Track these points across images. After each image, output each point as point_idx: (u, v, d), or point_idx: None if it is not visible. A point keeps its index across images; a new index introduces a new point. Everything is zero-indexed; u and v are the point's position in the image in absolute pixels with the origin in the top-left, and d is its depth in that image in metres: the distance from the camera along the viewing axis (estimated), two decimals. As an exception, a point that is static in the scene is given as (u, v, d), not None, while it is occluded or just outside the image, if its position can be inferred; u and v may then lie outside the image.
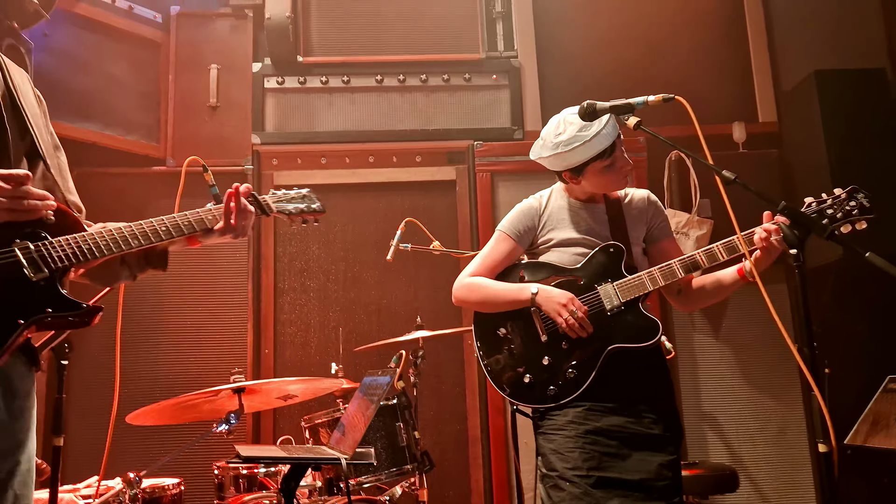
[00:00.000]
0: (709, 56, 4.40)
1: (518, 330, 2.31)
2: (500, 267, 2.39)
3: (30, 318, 1.44)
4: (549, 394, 2.21)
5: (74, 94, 3.78)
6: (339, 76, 4.29)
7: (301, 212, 1.97)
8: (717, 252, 2.21)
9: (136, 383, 3.66)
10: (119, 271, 1.77)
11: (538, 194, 2.48)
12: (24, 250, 1.46)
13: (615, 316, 2.24)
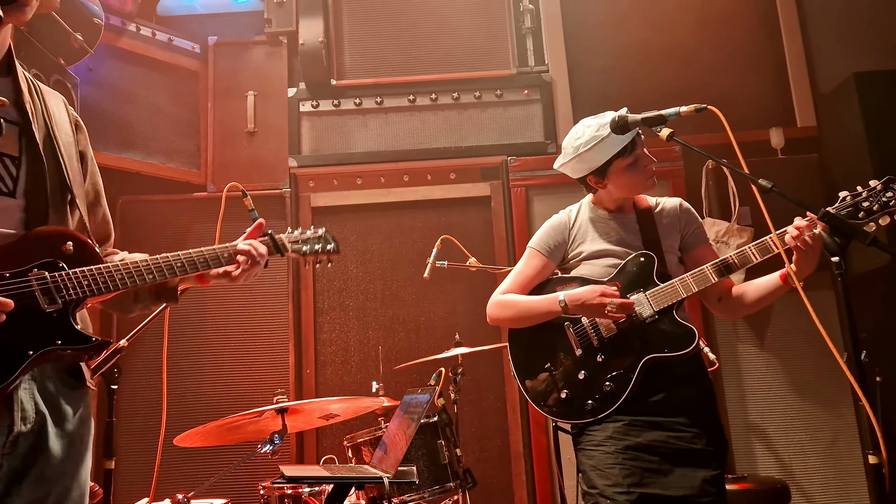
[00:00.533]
0: (743, 61, 4.35)
1: (552, 345, 2.29)
2: (532, 283, 2.39)
3: (39, 349, 1.45)
4: (587, 408, 2.18)
5: (118, 125, 3.91)
6: (372, 97, 4.36)
7: (315, 252, 2.03)
8: (749, 254, 2.15)
9: (181, 405, 3.74)
10: (132, 304, 1.80)
11: (567, 209, 2.47)
12: (39, 280, 1.48)
13: (650, 325, 2.20)
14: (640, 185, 2.34)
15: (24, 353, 1.43)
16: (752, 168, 1.95)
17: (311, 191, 4.26)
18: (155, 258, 1.67)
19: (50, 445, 1.49)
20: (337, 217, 4.26)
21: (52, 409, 1.51)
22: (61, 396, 1.54)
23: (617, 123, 2.16)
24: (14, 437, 1.43)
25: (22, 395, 1.45)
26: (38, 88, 1.65)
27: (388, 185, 4.28)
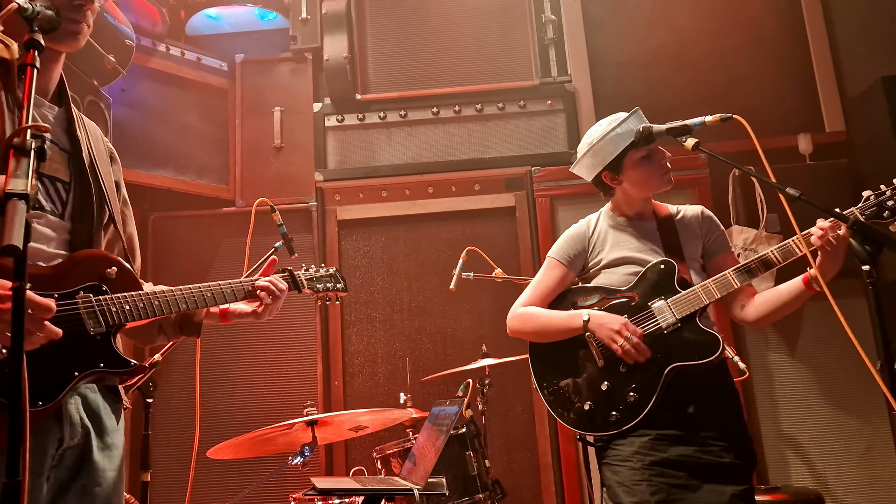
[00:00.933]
0: (769, 67, 4.32)
1: (574, 356, 2.26)
2: (552, 294, 2.36)
3: (84, 371, 1.50)
4: (611, 420, 2.14)
5: (150, 144, 4.00)
6: (396, 111, 4.40)
7: (327, 290, 2.12)
8: (772, 257, 2.11)
9: (213, 418, 3.79)
10: (155, 335, 1.85)
11: (587, 218, 2.45)
12: (86, 303, 1.53)
13: (673, 334, 2.16)
14: (655, 179, 2.29)
15: (70, 374, 1.48)
16: (780, 175, 1.95)
17: (338, 204, 4.31)
18: (189, 288, 1.73)
19: (94, 458, 1.54)
20: (363, 230, 4.30)
21: (95, 423, 1.56)
22: (102, 411, 1.59)
23: (642, 134, 2.17)
24: (63, 450, 1.49)
25: (70, 410, 1.51)
26: (81, 118, 1.72)
27: (413, 198, 4.31)
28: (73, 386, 1.48)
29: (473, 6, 4.46)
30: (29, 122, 1.12)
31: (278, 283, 1.91)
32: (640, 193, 2.34)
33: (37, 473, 1.43)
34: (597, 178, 2.39)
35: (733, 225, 3.88)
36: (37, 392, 1.41)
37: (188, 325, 1.85)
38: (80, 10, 1.56)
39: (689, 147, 2.05)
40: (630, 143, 2.26)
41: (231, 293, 1.81)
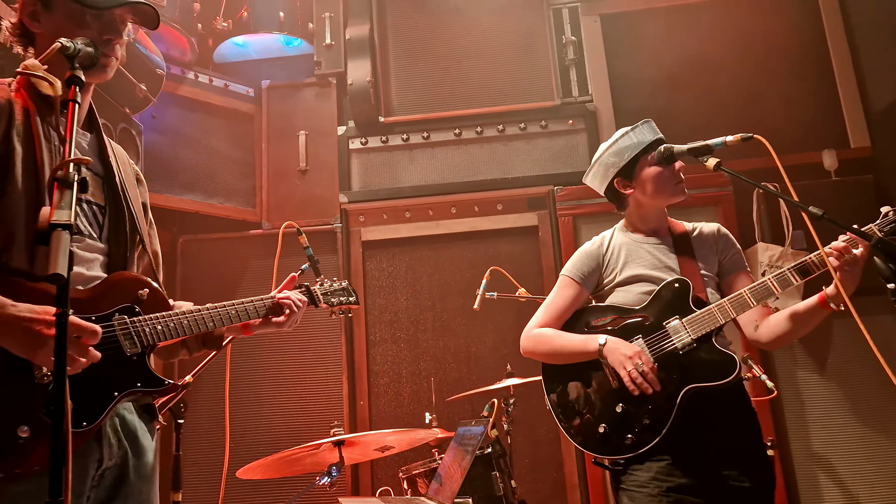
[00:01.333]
0: (791, 83, 4.32)
1: (588, 378, 2.22)
2: (566, 314, 2.33)
3: (123, 391, 1.55)
4: (626, 443, 2.09)
5: (180, 169, 4.10)
6: (419, 133, 4.46)
7: (340, 303, 2.19)
8: (789, 276, 2.06)
9: (241, 438, 3.82)
10: (178, 349, 1.90)
11: (600, 235, 2.41)
12: (121, 325, 1.58)
13: (688, 354, 2.11)
14: (668, 186, 2.26)
15: (110, 395, 1.53)
16: (805, 191, 1.95)
17: (362, 225, 4.36)
18: (214, 307, 1.79)
19: (131, 478, 1.59)
20: (387, 250, 4.35)
21: (132, 444, 1.61)
22: (139, 431, 1.65)
23: (662, 154, 2.18)
24: (102, 470, 1.54)
25: (109, 431, 1.56)
26: (110, 143, 1.78)
27: (436, 218, 4.35)
28: (113, 406, 1.53)
29: (494, 29, 4.51)
30: (71, 155, 1.17)
31: (298, 298, 1.97)
32: (653, 203, 2.31)
33: (78, 494, 1.48)
34: (609, 188, 2.37)
35: (758, 242, 3.86)
36: (80, 413, 1.46)
37: (210, 339, 1.90)
38: (109, 44, 1.63)
39: (711, 167, 2.05)
40: (642, 150, 2.26)
41: (254, 310, 1.87)
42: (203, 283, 4.20)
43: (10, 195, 1.46)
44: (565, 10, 4.51)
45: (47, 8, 1.60)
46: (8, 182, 1.47)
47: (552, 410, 2.27)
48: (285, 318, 1.92)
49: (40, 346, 1.35)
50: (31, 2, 1.60)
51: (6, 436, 1.37)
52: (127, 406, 1.63)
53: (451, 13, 4.54)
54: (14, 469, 1.37)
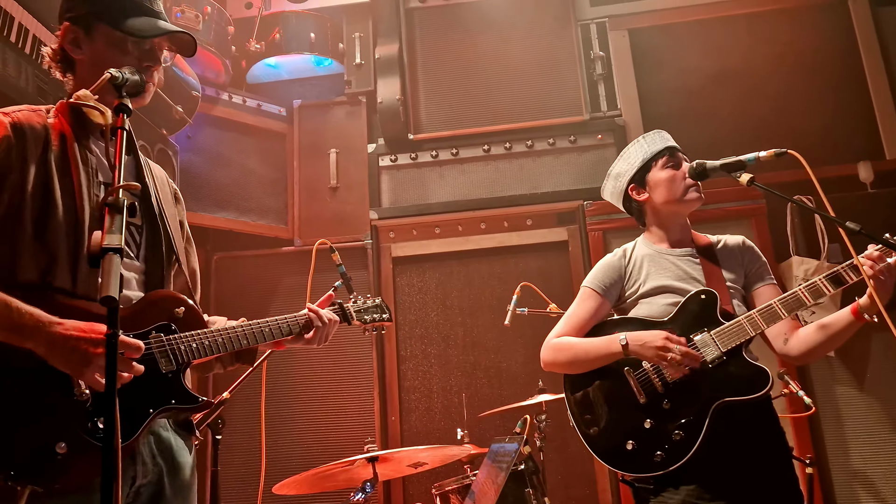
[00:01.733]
0: (825, 96, 4.27)
1: (612, 393, 2.16)
2: (587, 326, 2.26)
3: (158, 407, 1.57)
4: (656, 460, 2.02)
5: (214, 188, 4.18)
6: (448, 149, 4.49)
7: (374, 321, 2.20)
8: (821, 286, 2.00)
9: (276, 454, 3.86)
10: (213, 365, 1.92)
11: (622, 247, 2.37)
12: (158, 343, 1.60)
13: (718, 368, 2.06)
14: (680, 189, 2.22)
15: (145, 412, 1.55)
16: (841, 204, 1.93)
17: (392, 241, 4.40)
18: (249, 324, 1.81)
19: (167, 494, 1.61)
20: (417, 266, 4.38)
21: (168, 461, 1.63)
22: (174, 448, 1.66)
23: (695, 170, 2.17)
24: (136, 487, 1.56)
25: (143, 449, 1.58)
26: (148, 164, 1.83)
27: (465, 234, 4.38)
28: (148, 423, 1.56)
29: (522, 45, 4.54)
30: (120, 181, 1.21)
31: (328, 315, 1.99)
32: (668, 208, 2.27)
33: None
34: (625, 198, 2.37)
35: (793, 256, 3.81)
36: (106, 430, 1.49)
37: (244, 354, 1.93)
38: (148, 70, 1.68)
39: (744, 183, 2.03)
40: (652, 156, 2.27)
41: (287, 328, 1.89)
42: (237, 300, 4.26)
43: (52, 219, 1.51)
44: (593, 26, 4.53)
45: (89, 35, 1.65)
46: (49, 207, 1.52)
47: (576, 426, 2.20)
48: (314, 334, 1.94)
49: (87, 363, 1.38)
50: (73, 29, 1.65)
51: (45, 452, 1.40)
52: (162, 423, 1.65)
53: (478, 30, 4.58)
54: (53, 485, 1.40)
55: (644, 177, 2.29)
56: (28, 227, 1.49)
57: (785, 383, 3.14)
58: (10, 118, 1.54)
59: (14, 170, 1.50)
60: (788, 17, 4.39)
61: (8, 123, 1.52)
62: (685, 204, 2.25)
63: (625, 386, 2.14)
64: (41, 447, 1.40)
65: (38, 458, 1.39)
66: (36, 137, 1.55)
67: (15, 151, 1.50)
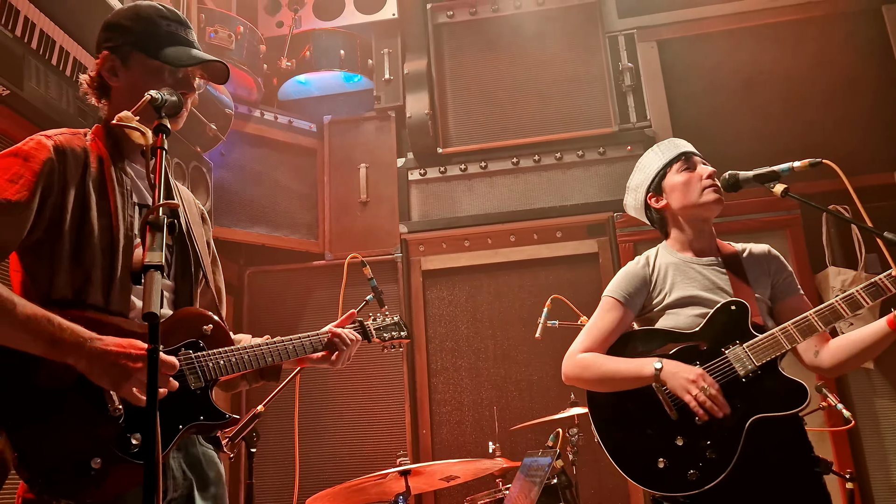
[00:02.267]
0: (860, 104, 4.20)
1: (640, 408, 2.06)
2: (612, 338, 2.17)
3: (187, 423, 1.60)
4: (689, 479, 1.94)
5: (247, 203, 4.25)
6: (476, 162, 4.51)
7: (392, 338, 2.22)
8: (859, 298, 1.93)
9: (309, 467, 3.88)
10: (238, 382, 1.95)
11: (644, 254, 2.28)
12: (187, 360, 1.63)
13: (752, 382, 1.98)
14: (696, 191, 2.16)
15: (175, 427, 1.59)
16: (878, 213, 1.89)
17: (422, 255, 4.42)
18: (273, 342, 1.85)
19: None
20: (447, 279, 4.39)
21: (197, 476, 1.67)
22: (203, 463, 1.70)
23: (728, 181, 2.13)
24: (167, 501, 1.59)
25: (172, 464, 1.62)
26: (177, 185, 1.89)
27: (495, 246, 4.38)
28: (178, 439, 1.59)
29: (550, 57, 4.55)
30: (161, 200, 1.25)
31: (349, 335, 2.02)
32: (687, 212, 2.20)
33: None
34: (646, 208, 2.33)
35: (829, 266, 3.75)
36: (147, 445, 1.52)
37: (268, 371, 1.95)
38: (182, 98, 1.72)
39: (779, 193, 2.00)
40: (668, 162, 2.24)
41: (310, 346, 1.93)
42: (269, 314, 4.31)
43: (89, 239, 1.56)
44: (621, 38, 4.52)
45: (125, 64, 1.71)
46: (85, 227, 1.57)
47: (601, 443, 2.10)
48: (337, 356, 1.98)
49: (126, 378, 1.42)
50: (111, 58, 1.71)
51: (80, 466, 1.43)
52: (191, 439, 1.69)
53: (506, 44, 4.60)
54: (87, 499, 1.44)
55: (661, 184, 2.25)
56: (66, 246, 1.54)
57: (823, 396, 3.08)
58: (52, 141, 1.60)
59: (55, 191, 1.55)
60: (820, 26, 4.34)
61: (51, 146, 1.58)
62: (703, 207, 2.18)
63: (653, 401, 2.05)
64: (78, 463, 1.43)
65: (75, 474, 1.43)
66: (76, 160, 1.60)
67: (57, 173, 1.56)
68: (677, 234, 2.27)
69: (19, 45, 2.50)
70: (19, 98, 2.48)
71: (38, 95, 2.56)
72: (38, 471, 1.40)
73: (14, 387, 1.44)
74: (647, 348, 2.10)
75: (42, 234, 1.54)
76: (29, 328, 1.40)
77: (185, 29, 1.77)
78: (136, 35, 1.71)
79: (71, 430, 1.45)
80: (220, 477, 1.74)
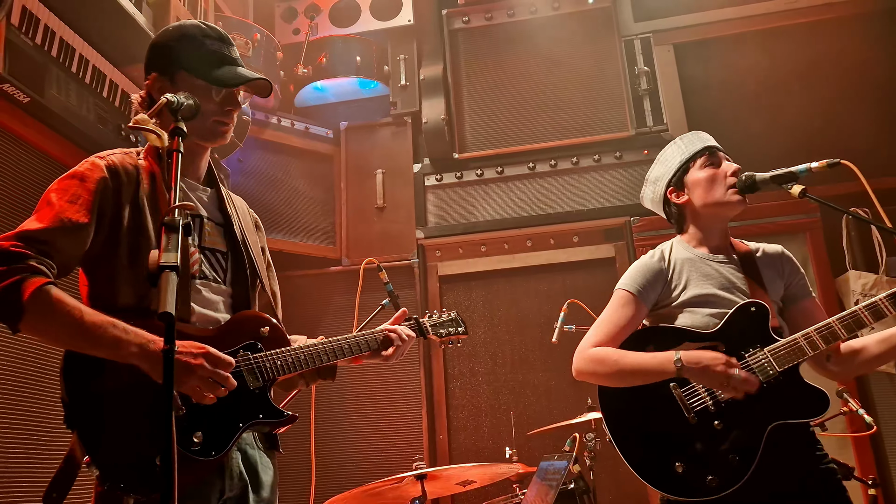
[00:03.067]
0: (878, 106, 4.16)
1: (657, 410, 2.01)
2: (625, 333, 2.10)
3: (247, 422, 1.66)
4: (709, 485, 1.90)
5: (264, 209, 4.25)
6: (493, 167, 4.51)
7: (449, 335, 2.26)
8: (882, 307, 1.89)
9: (324, 470, 3.90)
10: (297, 381, 1.99)
11: (658, 248, 2.21)
12: (245, 361, 1.70)
13: (772, 388, 1.94)
14: (721, 189, 2.10)
15: (235, 426, 1.64)
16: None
17: (438, 260, 4.42)
18: (329, 341, 1.90)
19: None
20: (463, 284, 4.39)
21: (253, 478, 1.72)
22: (259, 465, 1.75)
23: (745, 183, 2.09)
24: (223, 500, 1.64)
25: (231, 464, 1.67)
26: (230, 196, 1.95)
27: (512, 251, 4.37)
28: (238, 436, 1.64)
29: (566, 62, 4.55)
30: (176, 201, 1.26)
31: (408, 332, 2.07)
32: (709, 210, 2.14)
33: None
34: (665, 202, 2.25)
35: (850, 270, 3.70)
36: (209, 443, 1.58)
37: (326, 370, 2.00)
38: (229, 115, 1.80)
39: (796, 194, 1.97)
40: (691, 156, 2.17)
41: (366, 344, 1.98)
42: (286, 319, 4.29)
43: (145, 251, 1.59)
44: (637, 41, 4.51)
45: (174, 83, 1.76)
46: (142, 240, 1.64)
47: (615, 444, 2.04)
48: (392, 351, 2.01)
49: (186, 375, 1.50)
50: (160, 79, 1.77)
51: (148, 465, 1.49)
52: (249, 441, 1.73)
53: (521, 49, 4.61)
54: (154, 494, 1.49)
55: (682, 178, 2.19)
56: (124, 260, 1.62)
57: (844, 401, 3.03)
58: (105, 161, 1.68)
59: (111, 208, 1.63)
60: (836, 28, 4.30)
61: (104, 166, 1.66)
62: (727, 206, 2.12)
63: (671, 403, 2.00)
64: (145, 460, 1.49)
65: (143, 471, 1.48)
66: (129, 178, 1.68)
67: (111, 191, 1.64)
68: (694, 231, 2.21)
69: (40, 53, 2.55)
70: (40, 105, 2.53)
71: (59, 102, 2.61)
72: (107, 469, 1.47)
73: (84, 390, 1.51)
74: (663, 347, 2.03)
75: (101, 249, 1.62)
76: (95, 333, 1.48)
77: (228, 46, 1.83)
78: (183, 55, 1.77)
79: (136, 430, 1.51)
80: (275, 482, 1.80)
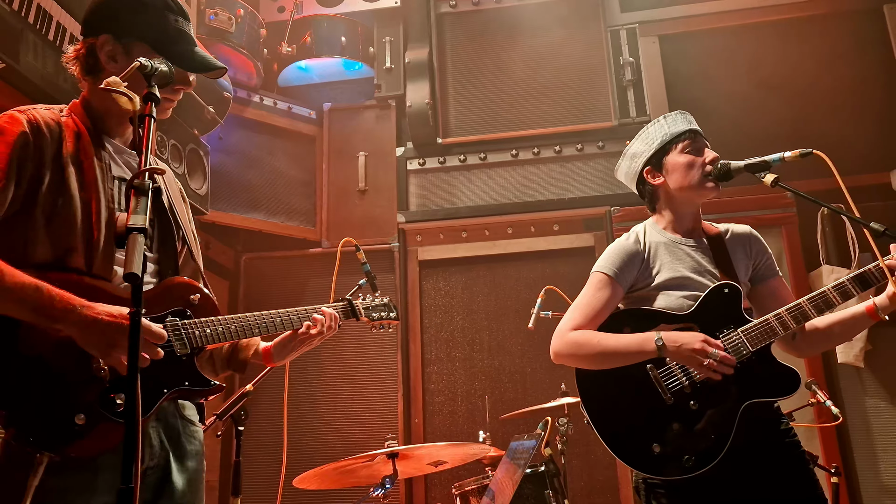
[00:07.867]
0: (858, 102, 4.20)
1: (634, 391, 2.03)
2: (602, 316, 2.11)
3: (173, 388, 1.63)
4: (686, 465, 1.94)
5: (244, 188, 4.26)
6: (476, 154, 4.52)
7: (381, 318, 2.25)
8: (849, 288, 1.95)
9: (298, 449, 3.90)
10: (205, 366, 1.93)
11: (633, 230, 2.23)
12: (173, 327, 1.65)
13: (745, 367, 1.98)
14: (696, 176, 2.11)
15: (160, 391, 1.62)
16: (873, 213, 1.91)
17: (419, 245, 4.43)
18: (261, 314, 1.85)
19: (173, 480, 1.65)
20: (443, 270, 4.40)
21: (174, 446, 1.68)
22: (182, 435, 1.71)
23: (719, 171, 2.11)
24: (143, 469, 1.60)
25: (151, 432, 1.63)
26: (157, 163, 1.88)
27: (492, 238, 4.39)
28: (162, 401, 1.61)
29: (552, 51, 4.55)
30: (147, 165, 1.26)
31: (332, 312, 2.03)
32: (683, 195, 2.16)
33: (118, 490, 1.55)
34: (639, 180, 2.25)
35: (823, 265, 3.75)
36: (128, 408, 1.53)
37: (235, 361, 1.97)
38: (178, 93, 1.76)
39: (769, 183, 1.99)
40: (673, 138, 2.16)
41: (297, 319, 1.94)
42: (265, 300, 4.32)
43: (66, 209, 1.57)
44: (623, 32, 4.52)
45: (127, 52, 1.67)
46: (63, 199, 1.57)
47: (594, 427, 2.05)
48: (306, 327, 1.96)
49: (113, 346, 1.45)
50: (112, 43, 1.68)
51: (65, 422, 1.47)
52: (171, 410, 1.70)
53: (508, 36, 4.60)
54: (70, 453, 1.47)
55: (661, 159, 2.18)
56: (40, 219, 1.55)
57: (813, 393, 3.09)
58: (26, 116, 1.60)
59: (31, 164, 1.56)
60: (821, 24, 4.34)
61: (24, 121, 1.58)
62: (700, 192, 2.14)
63: (647, 384, 2.03)
64: (61, 417, 1.47)
65: (58, 427, 1.46)
66: (52, 135, 1.61)
67: (32, 147, 1.56)
68: (667, 213, 2.22)
69: (16, 18, 2.51)
70: (15, 72, 2.49)
71: (35, 70, 2.57)
72: (23, 427, 1.44)
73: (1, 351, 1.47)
74: (639, 329, 2.05)
75: (17, 206, 1.54)
76: (17, 296, 1.42)
77: (188, 24, 1.77)
78: (144, 26, 1.68)
79: (56, 390, 1.49)
80: (200, 452, 1.74)
